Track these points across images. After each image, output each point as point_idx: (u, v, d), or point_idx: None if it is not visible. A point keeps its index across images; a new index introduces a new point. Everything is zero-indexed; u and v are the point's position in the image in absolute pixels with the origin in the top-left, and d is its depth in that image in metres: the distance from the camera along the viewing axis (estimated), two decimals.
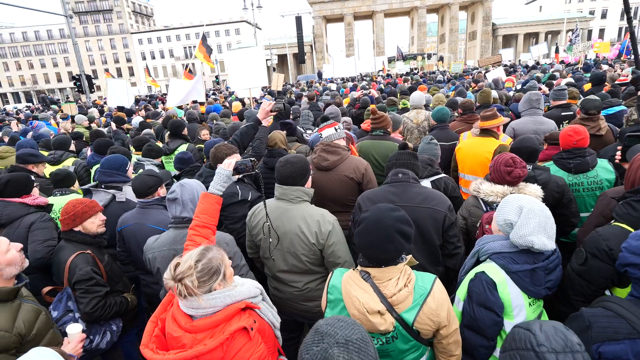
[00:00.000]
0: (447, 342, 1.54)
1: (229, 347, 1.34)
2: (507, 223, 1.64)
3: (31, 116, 14.30)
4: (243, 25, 67.49)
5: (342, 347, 1.03)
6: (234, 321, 1.39)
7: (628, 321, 1.27)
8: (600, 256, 1.65)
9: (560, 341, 1.05)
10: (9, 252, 1.79)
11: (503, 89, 8.16)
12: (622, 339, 1.25)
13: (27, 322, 1.68)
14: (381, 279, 1.50)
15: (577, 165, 2.66)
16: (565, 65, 15.88)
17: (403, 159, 2.34)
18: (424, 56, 35.08)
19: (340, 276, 1.64)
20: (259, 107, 7.97)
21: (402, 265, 1.53)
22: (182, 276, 1.33)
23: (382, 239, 1.47)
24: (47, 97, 26.96)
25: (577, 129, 2.66)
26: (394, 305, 1.47)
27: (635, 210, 1.70)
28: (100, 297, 2.20)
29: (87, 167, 4.40)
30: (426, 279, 1.55)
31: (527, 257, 1.58)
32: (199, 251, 1.42)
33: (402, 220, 1.52)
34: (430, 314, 1.47)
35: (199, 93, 9.40)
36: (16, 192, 2.56)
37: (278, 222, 2.12)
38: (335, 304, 1.62)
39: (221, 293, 1.40)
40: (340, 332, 1.06)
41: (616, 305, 1.33)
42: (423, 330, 1.50)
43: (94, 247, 2.35)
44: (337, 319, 1.13)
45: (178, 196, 2.09)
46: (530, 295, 1.58)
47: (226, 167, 1.91)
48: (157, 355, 1.32)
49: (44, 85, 69.89)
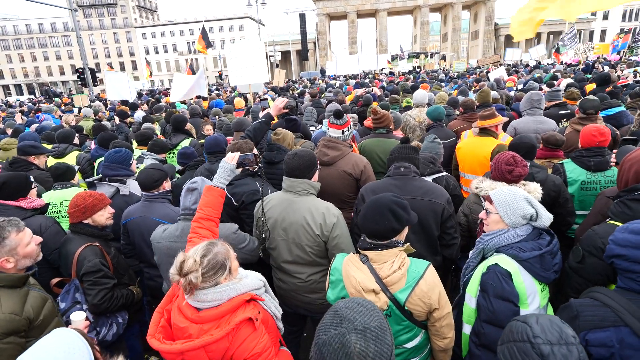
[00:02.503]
0: (440, 325, 1.65)
1: (235, 337, 1.38)
2: (526, 217, 1.69)
3: (34, 109, 14.32)
4: (247, 22, 67.15)
5: (360, 334, 1.04)
6: (239, 312, 1.42)
7: (613, 310, 1.33)
8: (596, 253, 1.71)
9: (556, 333, 1.09)
10: (29, 245, 1.84)
11: (504, 88, 8.19)
12: (607, 327, 1.32)
13: (35, 308, 1.73)
14: (377, 261, 1.63)
15: (598, 164, 2.68)
16: (567, 65, 15.89)
17: (405, 153, 2.43)
18: (426, 55, 34.94)
19: (341, 259, 1.77)
20: (261, 104, 7.98)
21: (398, 250, 1.64)
22: (188, 271, 1.35)
23: (376, 213, 1.64)
24: (50, 90, 26.92)
25: (601, 130, 2.69)
26: (388, 285, 1.60)
27: (629, 209, 1.76)
28: (108, 289, 2.22)
29: (91, 160, 4.42)
30: (420, 265, 1.66)
31: (533, 245, 1.64)
32: (204, 246, 1.44)
33: (398, 203, 1.66)
34: (422, 295, 1.58)
35: (202, 88, 9.42)
36: (13, 194, 2.46)
37: (284, 214, 2.19)
38: (336, 284, 1.74)
39: (227, 286, 1.43)
40: (360, 319, 1.07)
41: (602, 295, 1.39)
42: (415, 311, 1.60)
43: (101, 239, 2.38)
44: (357, 303, 1.14)
45: (198, 187, 2.13)
46: (541, 280, 1.63)
47: (229, 161, 1.94)
48: (164, 344, 1.35)
49: (46, 77, 69.56)
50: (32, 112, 13.00)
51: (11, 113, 12.45)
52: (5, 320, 1.61)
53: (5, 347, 1.59)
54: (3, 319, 1.60)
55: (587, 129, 2.75)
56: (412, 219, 1.70)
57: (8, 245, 1.75)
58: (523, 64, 20.82)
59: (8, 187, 2.44)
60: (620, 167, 1.95)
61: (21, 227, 1.83)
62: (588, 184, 2.71)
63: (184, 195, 2.17)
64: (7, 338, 1.60)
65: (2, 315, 1.61)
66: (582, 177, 2.72)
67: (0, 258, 1.73)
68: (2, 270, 1.74)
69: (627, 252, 1.34)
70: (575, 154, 2.80)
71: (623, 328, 1.29)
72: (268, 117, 3.08)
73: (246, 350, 1.38)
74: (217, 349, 1.36)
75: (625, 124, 3.84)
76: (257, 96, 11.06)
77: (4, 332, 1.60)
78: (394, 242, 1.64)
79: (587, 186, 2.71)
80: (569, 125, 3.77)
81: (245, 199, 2.64)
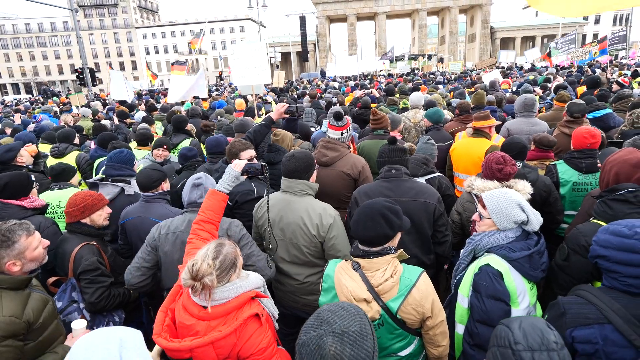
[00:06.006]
0: (433, 333, 1.63)
1: (242, 333, 1.40)
2: (518, 222, 1.71)
3: (30, 108, 14.19)
4: (248, 23, 67.10)
5: (337, 337, 1.05)
6: (245, 308, 1.44)
7: (598, 308, 1.37)
8: (580, 251, 1.76)
9: (537, 339, 1.08)
10: (37, 249, 1.82)
11: (499, 90, 8.29)
12: (592, 324, 1.36)
13: (35, 311, 1.71)
14: (369, 269, 1.60)
15: (589, 165, 2.73)
16: (560, 68, 16.05)
17: (394, 155, 2.45)
18: (424, 57, 35.13)
19: (334, 266, 1.76)
20: (262, 105, 8.00)
21: (390, 258, 1.61)
22: (203, 275, 1.35)
23: (367, 218, 1.62)
24: (48, 89, 26.74)
25: (592, 132, 2.74)
26: (380, 294, 1.57)
27: (611, 208, 1.82)
28: (105, 288, 2.21)
29: (90, 160, 4.38)
30: (412, 272, 1.64)
31: (522, 245, 1.69)
32: (214, 248, 1.43)
33: (390, 209, 1.64)
34: (414, 304, 1.56)
35: (201, 89, 9.40)
36: (15, 193, 2.49)
37: (282, 213, 2.21)
38: (328, 291, 1.73)
39: (234, 284, 1.45)
40: (339, 322, 1.08)
41: (588, 294, 1.43)
42: (408, 320, 1.58)
43: (98, 238, 2.37)
44: (341, 307, 1.15)
45: (203, 182, 2.18)
46: (530, 279, 1.67)
47: (236, 168, 1.94)
48: (172, 343, 1.35)
49: (44, 77, 69.15)
50: (28, 111, 12.90)
51: (8, 112, 12.37)
52: (5, 323, 1.58)
53: (3, 350, 1.57)
54: (3, 321, 1.58)
55: (579, 131, 2.80)
56: (405, 225, 1.68)
57: (17, 249, 1.73)
58: (517, 66, 20.99)
59: (10, 187, 2.48)
60: (603, 168, 2.01)
61: (31, 231, 1.82)
62: (579, 185, 2.77)
63: (189, 190, 2.20)
64: (6, 341, 1.58)
65: (2, 317, 1.59)
66: (574, 179, 2.77)
67: (8, 261, 1.72)
68: (8, 272, 1.73)
69: (609, 253, 1.38)
70: (567, 155, 2.85)
71: (607, 325, 1.34)
72: (269, 120, 3.10)
73: (253, 345, 1.41)
74: (225, 345, 1.37)
75: (612, 126, 3.87)
76: (257, 97, 11.07)
77: (3, 334, 1.57)
78: (386, 248, 1.62)
79: (579, 187, 2.77)
80: (556, 128, 3.85)
81: (239, 198, 2.66)
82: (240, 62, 5.99)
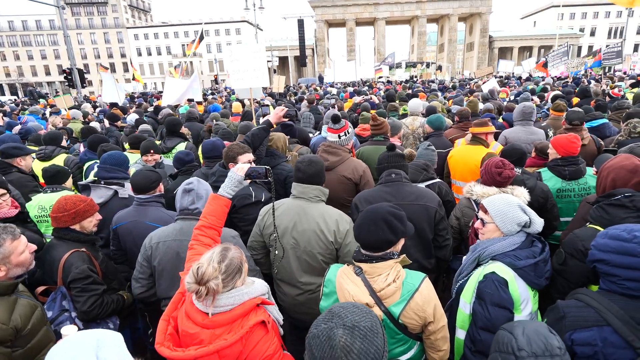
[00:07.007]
0: (434, 338, 1.63)
1: (248, 341, 1.36)
2: (521, 224, 1.73)
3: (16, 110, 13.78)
4: (244, 25, 66.25)
5: (347, 329, 1.06)
6: (251, 316, 1.40)
7: (597, 311, 1.39)
8: (577, 256, 1.79)
9: (541, 344, 1.09)
10: (23, 254, 1.78)
11: (498, 99, 8.41)
12: (591, 327, 1.38)
13: (23, 317, 1.66)
14: (372, 274, 1.60)
15: (572, 173, 2.79)
16: (557, 79, 16.29)
17: (393, 161, 2.49)
18: (422, 64, 35.43)
19: (335, 270, 1.75)
20: (259, 109, 8.03)
21: (393, 262, 1.61)
22: (208, 279, 1.32)
23: (370, 223, 1.61)
24: (34, 90, 26.05)
25: (577, 136, 2.79)
26: (382, 299, 1.56)
27: (607, 213, 1.86)
28: (98, 295, 2.12)
29: (80, 163, 4.23)
30: (415, 277, 1.63)
31: (527, 252, 1.69)
32: (220, 252, 1.40)
33: (394, 214, 1.63)
34: (416, 309, 1.55)
35: (196, 92, 9.33)
36: None
37: (296, 219, 2.14)
38: (329, 296, 1.73)
39: (239, 290, 1.41)
40: (350, 316, 1.10)
41: (586, 297, 1.46)
42: (410, 325, 1.58)
43: (88, 244, 2.25)
44: (353, 305, 1.17)
45: (195, 187, 2.13)
46: (534, 287, 1.68)
47: (239, 172, 1.88)
48: (175, 352, 1.30)
49: (30, 78, 65.56)
50: (14, 113, 12.61)
51: None
52: None
53: None
54: None
55: (565, 138, 2.81)
56: (409, 231, 1.65)
57: (1, 254, 1.68)
58: (515, 76, 21.28)
59: None
60: (599, 174, 2.05)
61: (17, 235, 1.76)
62: (563, 192, 2.82)
63: (180, 196, 2.15)
64: None
65: None
66: (558, 185, 2.83)
67: None
68: None
69: (608, 257, 1.41)
70: (551, 163, 2.90)
71: (606, 327, 1.36)
72: (267, 124, 3.08)
73: (259, 353, 1.37)
74: (231, 354, 1.33)
75: (608, 135, 4.00)
76: (254, 101, 11.08)
77: None
78: (389, 253, 1.61)
79: (562, 194, 2.83)
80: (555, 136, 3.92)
81: (236, 202, 2.64)
82: (238, 64, 5.83)
